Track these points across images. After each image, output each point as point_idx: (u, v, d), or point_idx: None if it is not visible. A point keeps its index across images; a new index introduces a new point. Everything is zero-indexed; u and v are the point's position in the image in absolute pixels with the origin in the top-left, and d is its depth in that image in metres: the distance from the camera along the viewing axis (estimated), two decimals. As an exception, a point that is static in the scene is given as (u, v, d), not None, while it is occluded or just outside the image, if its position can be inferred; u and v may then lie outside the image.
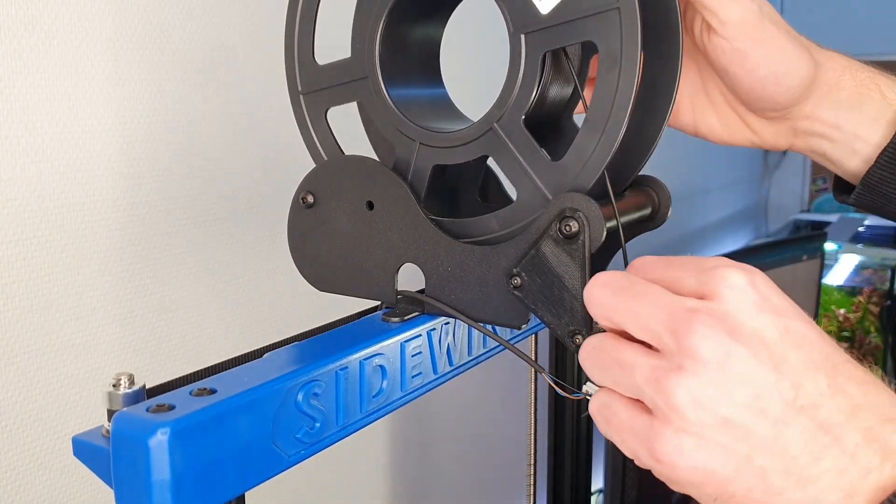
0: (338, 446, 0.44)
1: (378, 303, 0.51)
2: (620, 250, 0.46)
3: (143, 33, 0.70)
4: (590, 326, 0.41)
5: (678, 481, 0.34)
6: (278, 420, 0.40)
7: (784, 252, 1.67)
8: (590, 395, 0.43)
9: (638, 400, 0.35)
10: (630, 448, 0.36)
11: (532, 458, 0.67)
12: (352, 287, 0.49)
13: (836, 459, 0.33)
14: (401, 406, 0.48)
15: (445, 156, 0.47)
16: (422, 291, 0.48)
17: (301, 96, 0.51)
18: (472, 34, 1.01)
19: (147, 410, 0.36)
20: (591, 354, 0.37)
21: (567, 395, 0.46)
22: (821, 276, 1.77)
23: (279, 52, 0.51)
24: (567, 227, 0.41)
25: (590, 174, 0.42)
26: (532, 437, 0.67)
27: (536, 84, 0.44)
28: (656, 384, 0.34)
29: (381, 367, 0.46)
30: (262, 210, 0.82)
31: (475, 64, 0.99)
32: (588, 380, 0.43)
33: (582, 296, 0.41)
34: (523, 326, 0.45)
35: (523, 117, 0.45)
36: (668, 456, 0.34)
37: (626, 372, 0.35)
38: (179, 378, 0.41)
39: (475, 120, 0.47)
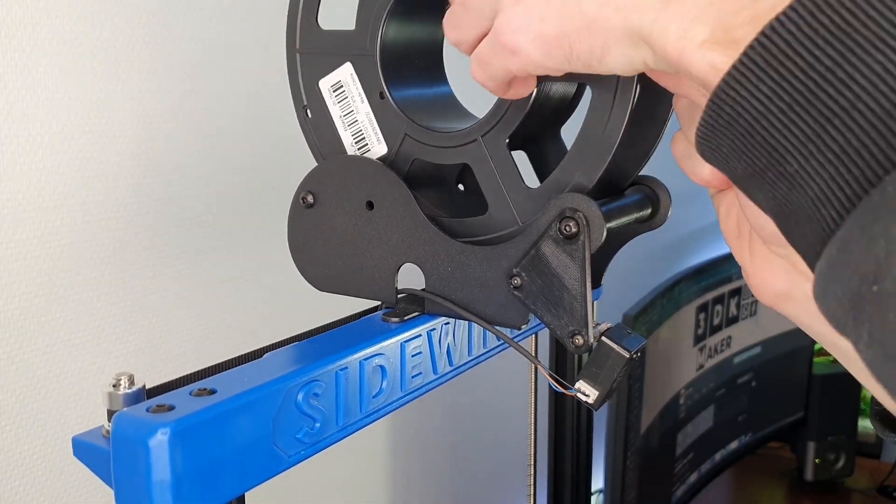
0: (338, 446, 0.44)
1: (378, 303, 0.51)
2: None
3: (143, 33, 0.70)
4: (589, 327, 0.41)
5: (534, 57, 0.35)
6: (278, 420, 0.40)
7: (784, 252, 1.67)
8: (582, 394, 0.43)
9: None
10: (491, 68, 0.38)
11: (532, 458, 0.67)
12: (352, 287, 0.49)
13: None
14: (401, 406, 0.48)
15: (428, 154, 0.48)
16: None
17: (298, 55, 0.51)
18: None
19: (147, 411, 0.36)
20: (451, 20, 0.39)
21: (564, 391, 0.46)
22: (821, 276, 1.77)
23: (279, 53, 0.51)
24: (567, 228, 0.41)
25: None
26: (532, 437, 0.67)
27: (526, 109, 0.44)
28: None
29: (381, 367, 0.46)
30: (263, 210, 0.82)
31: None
32: (580, 378, 0.43)
33: (582, 296, 0.41)
34: (523, 326, 0.45)
35: (507, 140, 0.45)
36: (515, 40, 0.35)
37: (469, 7, 0.38)
38: (179, 378, 0.41)
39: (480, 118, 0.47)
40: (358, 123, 0.50)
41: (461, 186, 0.56)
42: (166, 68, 0.72)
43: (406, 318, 0.48)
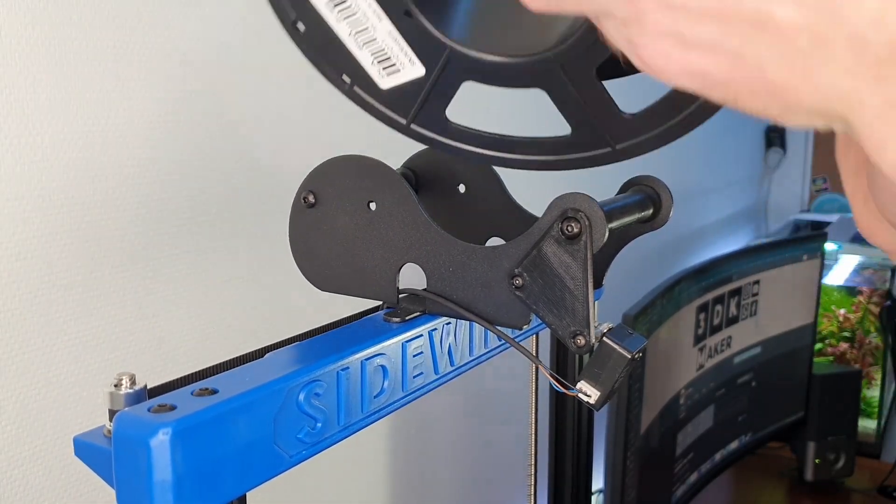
0: (338, 446, 0.44)
1: (379, 302, 0.51)
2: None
3: (143, 33, 0.69)
4: (590, 328, 0.41)
5: (680, 85, 0.28)
6: (280, 420, 0.40)
7: (784, 252, 1.67)
8: (584, 394, 0.43)
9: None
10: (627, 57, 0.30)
11: (532, 458, 0.67)
12: (353, 287, 0.49)
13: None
14: (402, 406, 0.48)
15: (483, 78, 0.38)
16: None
17: None
18: None
19: (148, 410, 0.36)
20: None
21: (565, 392, 0.46)
22: (821, 277, 1.78)
23: (279, 54, 0.51)
24: (569, 228, 0.41)
25: (661, 139, 0.37)
26: (532, 437, 0.67)
27: None
28: None
29: (382, 367, 0.46)
30: (263, 210, 0.82)
31: None
32: (581, 378, 0.43)
33: (584, 297, 0.41)
34: (524, 326, 0.45)
35: (596, 68, 0.36)
36: (656, 62, 0.28)
37: None
38: (181, 378, 0.41)
39: None
40: (378, 42, 0.38)
41: (461, 188, 0.56)
42: (166, 68, 0.72)
43: (407, 318, 0.48)
